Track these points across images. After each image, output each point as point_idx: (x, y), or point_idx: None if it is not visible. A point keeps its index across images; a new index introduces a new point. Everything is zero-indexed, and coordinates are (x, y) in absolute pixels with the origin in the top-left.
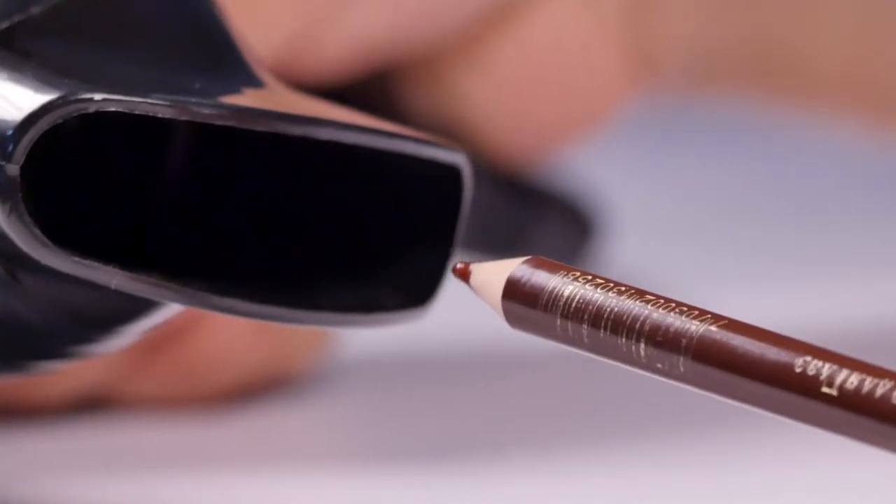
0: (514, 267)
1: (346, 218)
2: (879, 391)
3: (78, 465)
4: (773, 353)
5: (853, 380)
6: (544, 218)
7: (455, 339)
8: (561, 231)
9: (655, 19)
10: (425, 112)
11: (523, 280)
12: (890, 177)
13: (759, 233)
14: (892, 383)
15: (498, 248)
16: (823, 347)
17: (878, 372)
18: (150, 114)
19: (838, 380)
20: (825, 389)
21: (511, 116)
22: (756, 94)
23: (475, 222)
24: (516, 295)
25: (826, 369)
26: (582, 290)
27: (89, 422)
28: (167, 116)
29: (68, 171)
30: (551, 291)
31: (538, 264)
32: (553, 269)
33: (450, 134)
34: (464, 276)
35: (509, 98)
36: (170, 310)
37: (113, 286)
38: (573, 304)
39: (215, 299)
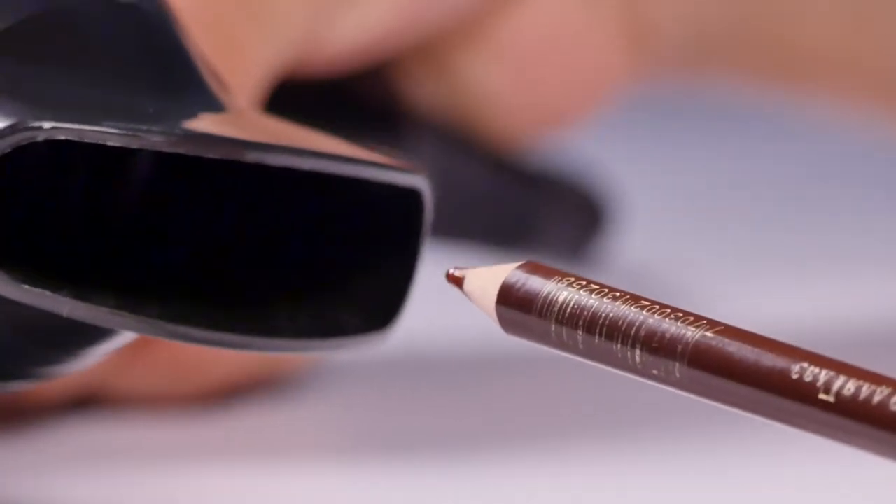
0: (508, 272)
1: (306, 241)
2: (877, 398)
3: (69, 463)
4: (769, 359)
5: (850, 386)
6: (554, 205)
7: (449, 337)
8: (571, 218)
9: (651, 1)
10: (428, 101)
11: (518, 285)
12: (890, 170)
13: (757, 223)
14: (889, 390)
15: (507, 237)
16: (820, 354)
17: (876, 378)
18: (100, 142)
19: (835, 386)
20: (822, 396)
21: (515, 98)
22: (752, 77)
23: (485, 211)
24: (510, 300)
25: (823, 376)
26: (577, 296)
27: (80, 419)
28: (117, 144)
29: (30, 190)
30: (546, 297)
31: (532, 269)
32: (548, 274)
33: (455, 121)
34: (457, 282)
35: (513, 79)
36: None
37: (64, 314)
38: (568, 310)
39: (169, 327)
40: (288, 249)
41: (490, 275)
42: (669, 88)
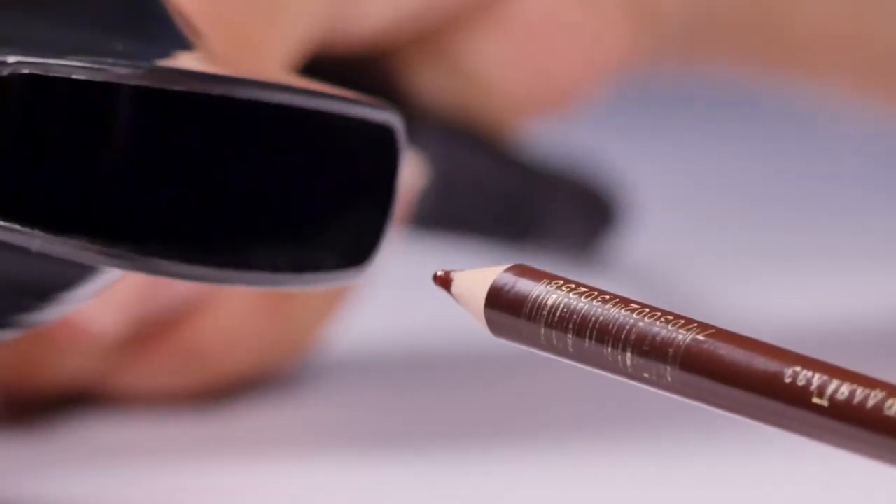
0: (496, 274)
1: (283, 180)
2: (871, 401)
3: (69, 463)
4: (761, 362)
5: (844, 390)
6: (561, 201)
7: (449, 337)
8: (578, 214)
9: None
10: (431, 91)
11: (506, 288)
12: (890, 170)
13: (758, 222)
14: (883, 393)
15: (514, 232)
16: (813, 357)
17: (870, 382)
18: (66, 75)
19: (829, 390)
20: (816, 400)
21: (517, 79)
22: (753, 63)
23: (491, 207)
24: (499, 303)
25: (816, 379)
26: (566, 299)
27: (80, 419)
28: (82, 78)
29: (7, 137)
30: (535, 300)
31: (521, 272)
32: (537, 276)
33: (459, 111)
34: (445, 284)
35: (515, 61)
36: (110, 275)
37: (34, 249)
38: (557, 313)
39: (142, 260)
40: (266, 194)
41: (478, 277)
42: (670, 88)
